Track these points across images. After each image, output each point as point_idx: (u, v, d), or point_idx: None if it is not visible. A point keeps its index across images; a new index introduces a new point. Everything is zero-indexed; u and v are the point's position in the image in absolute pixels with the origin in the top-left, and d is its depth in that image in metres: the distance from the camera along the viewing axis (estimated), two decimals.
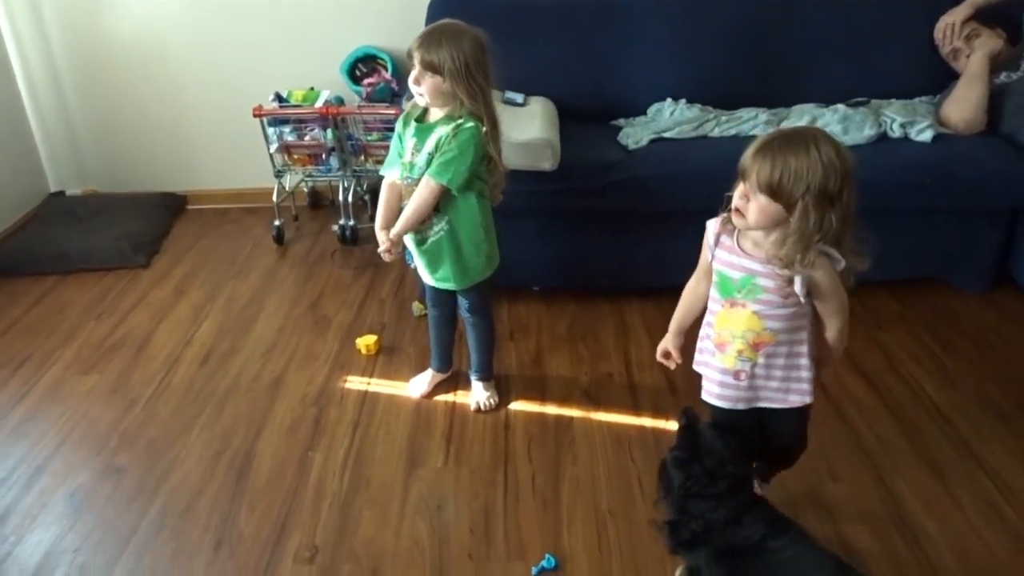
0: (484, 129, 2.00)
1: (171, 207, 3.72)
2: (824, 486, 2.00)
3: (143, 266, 3.26)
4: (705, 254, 1.65)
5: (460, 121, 1.99)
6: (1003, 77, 2.79)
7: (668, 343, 1.82)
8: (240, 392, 2.48)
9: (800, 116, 2.82)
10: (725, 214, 1.56)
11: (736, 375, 1.63)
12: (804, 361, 1.61)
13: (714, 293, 1.64)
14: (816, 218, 1.41)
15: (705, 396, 1.71)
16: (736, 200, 1.49)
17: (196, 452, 2.23)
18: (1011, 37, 2.86)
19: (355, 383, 2.49)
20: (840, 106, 2.85)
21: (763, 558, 1.47)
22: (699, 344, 1.71)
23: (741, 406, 1.66)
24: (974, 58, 2.76)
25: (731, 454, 1.54)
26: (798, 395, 1.63)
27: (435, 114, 2.05)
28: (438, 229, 2.11)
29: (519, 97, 2.97)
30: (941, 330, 2.60)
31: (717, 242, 1.60)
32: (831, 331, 1.60)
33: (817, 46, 3.01)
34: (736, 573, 1.50)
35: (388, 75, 3.35)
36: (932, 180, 2.57)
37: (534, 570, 1.81)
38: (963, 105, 2.70)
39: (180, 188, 3.79)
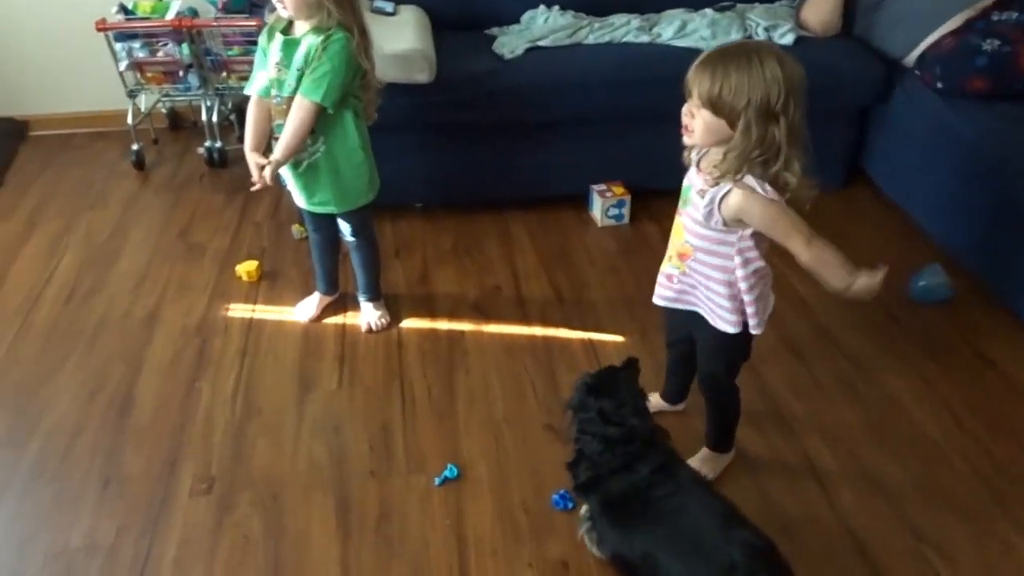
0: (355, 40, 1.91)
1: (11, 133, 3.39)
2: None
3: None
4: None
5: (329, 32, 1.89)
6: None
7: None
8: (111, 328, 2.35)
9: (670, 21, 2.85)
10: None
11: (668, 277, 1.68)
12: (722, 290, 1.57)
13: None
14: (758, 133, 1.39)
15: (654, 298, 1.75)
16: (684, 117, 1.48)
17: (69, 393, 2.12)
18: None
19: (238, 311, 2.42)
20: (708, 11, 2.91)
21: (650, 506, 1.48)
22: None
23: (675, 306, 1.70)
24: None
25: (636, 404, 1.54)
26: (721, 321, 1.62)
27: (301, 27, 1.94)
28: (313, 151, 2.03)
29: (389, 6, 2.85)
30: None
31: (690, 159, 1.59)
32: (800, 258, 1.48)
33: None
34: (622, 522, 1.52)
35: None
36: None
37: (436, 480, 1.85)
38: (821, 7, 2.81)
39: (19, 112, 3.45)
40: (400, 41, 2.54)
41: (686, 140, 1.51)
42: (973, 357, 2.23)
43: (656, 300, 1.74)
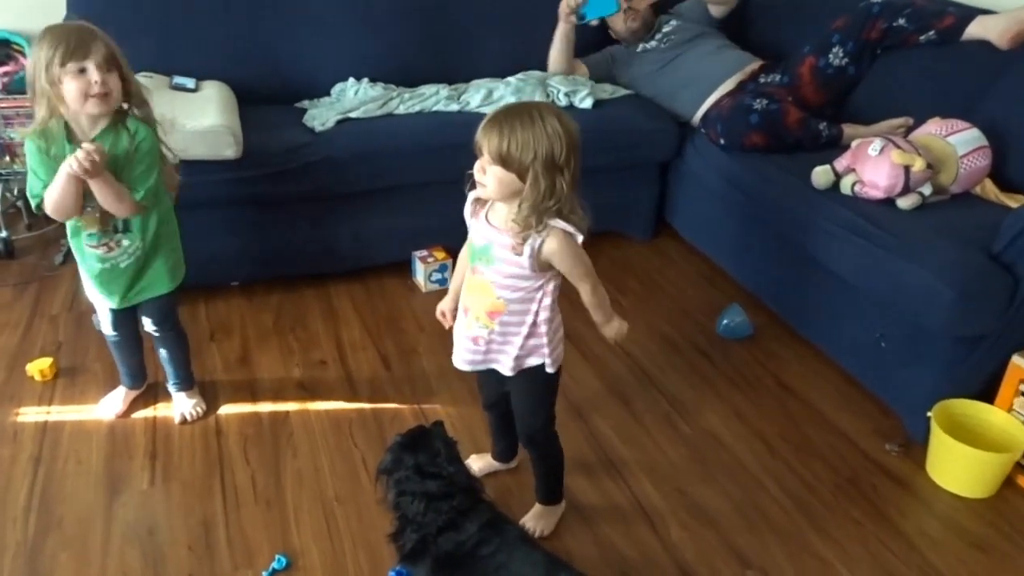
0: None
1: None
2: None
3: None
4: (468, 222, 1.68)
5: (132, 131, 1.82)
6: (642, 47, 3.16)
7: (444, 304, 1.81)
8: None
9: (477, 89, 2.96)
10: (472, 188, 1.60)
11: (475, 340, 1.67)
12: (542, 329, 1.64)
13: (468, 261, 1.68)
14: (546, 185, 1.47)
15: (457, 363, 1.74)
16: (476, 173, 1.53)
17: None
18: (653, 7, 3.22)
19: (31, 415, 2.19)
20: (512, 79, 3.05)
21: (478, 565, 1.48)
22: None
23: (483, 368, 1.71)
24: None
25: (450, 453, 1.53)
26: (536, 357, 1.67)
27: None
28: (133, 248, 1.93)
29: (190, 82, 2.76)
30: (618, 275, 2.92)
31: (474, 213, 1.64)
32: (585, 296, 1.65)
33: (485, 22, 3.17)
34: None
35: (26, 61, 2.93)
36: (605, 148, 2.84)
37: (264, 574, 1.74)
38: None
39: None
40: (204, 117, 2.47)
41: (480, 193, 1.58)
42: (776, 386, 2.41)
43: (462, 366, 1.74)
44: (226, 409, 2.24)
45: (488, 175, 1.51)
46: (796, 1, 3.16)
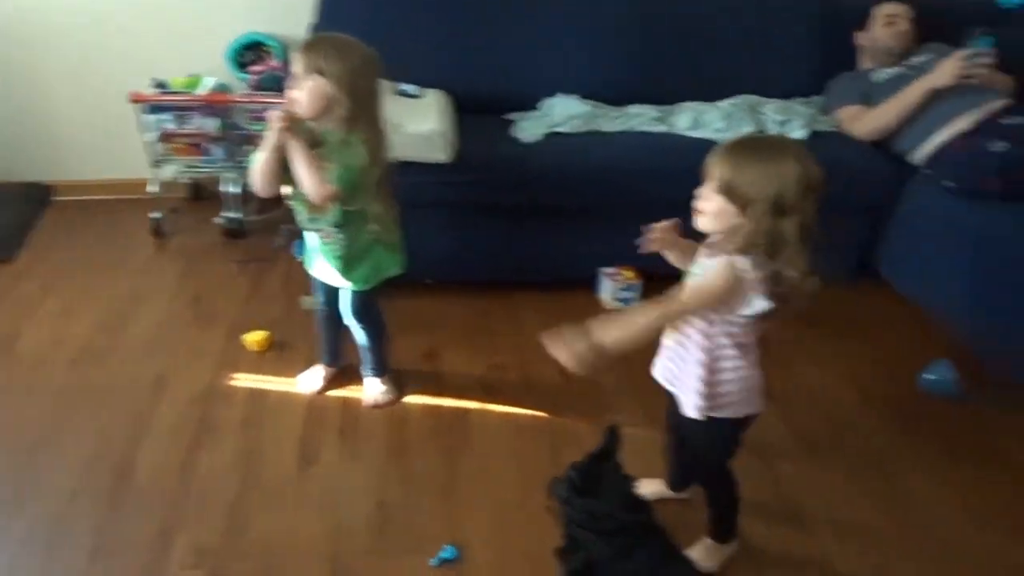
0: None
1: (35, 198, 3.46)
2: None
3: (6, 260, 3.02)
4: None
5: (352, 143, 1.94)
6: (881, 74, 2.95)
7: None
8: (117, 393, 2.34)
9: (686, 113, 2.92)
10: None
11: (664, 348, 1.67)
12: (693, 370, 1.57)
13: None
14: (768, 226, 1.40)
15: (654, 367, 1.72)
16: (697, 199, 1.49)
17: (69, 457, 2.09)
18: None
19: (244, 380, 2.40)
20: (723, 103, 2.98)
21: None
22: None
23: (664, 382, 1.69)
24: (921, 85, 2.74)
25: (624, 501, 1.51)
26: (689, 406, 1.61)
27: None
28: (337, 236, 2.06)
29: (412, 89, 2.93)
30: (812, 315, 2.76)
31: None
32: (648, 306, 1.54)
33: (701, 47, 3.12)
34: None
35: (276, 63, 3.24)
36: None
37: (433, 561, 1.80)
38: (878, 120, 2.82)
39: (45, 178, 3.53)
40: (423, 122, 2.61)
41: (697, 222, 1.51)
42: (991, 455, 2.17)
43: (655, 373, 1.72)
44: (412, 399, 2.34)
45: (709, 203, 1.46)
46: None
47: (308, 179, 1.90)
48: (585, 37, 3.10)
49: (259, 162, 1.95)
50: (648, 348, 1.65)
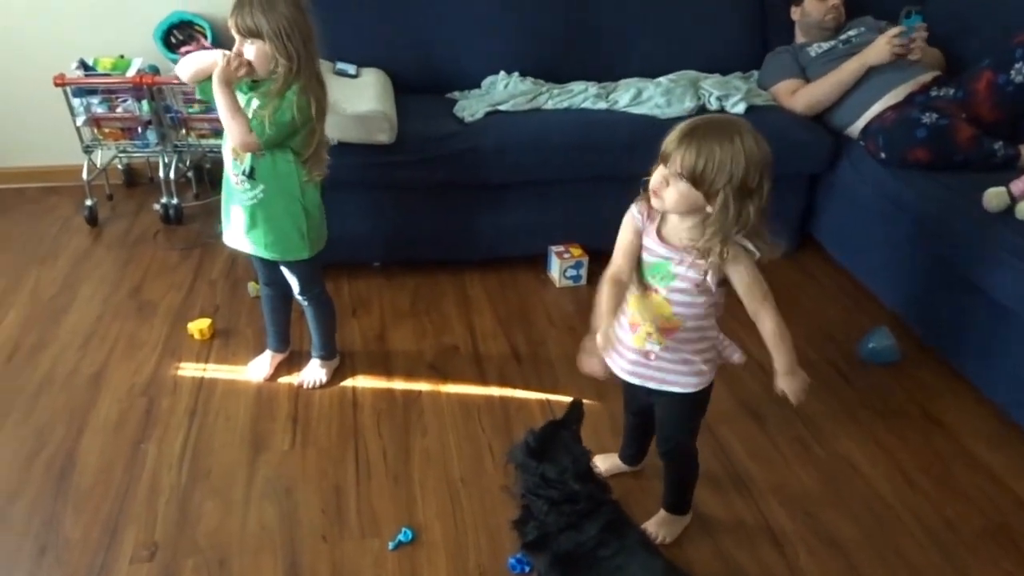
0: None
1: None
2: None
3: None
4: (628, 237, 1.59)
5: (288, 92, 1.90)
6: (817, 48, 3.01)
7: (600, 340, 1.51)
8: (55, 387, 2.27)
9: (626, 89, 2.94)
10: (644, 198, 1.54)
11: (646, 355, 1.63)
12: (709, 346, 1.62)
13: (630, 277, 1.60)
14: (735, 210, 1.41)
15: (617, 371, 1.68)
16: (655, 183, 1.48)
17: (7, 455, 2.03)
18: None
19: (189, 370, 2.36)
20: (663, 80, 3.01)
21: (597, 565, 1.48)
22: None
23: (651, 385, 1.65)
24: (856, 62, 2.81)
25: (578, 469, 1.51)
26: (696, 377, 1.63)
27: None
28: (253, 195, 2.01)
29: (351, 68, 2.89)
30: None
31: (649, 220, 1.57)
32: (768, 324, 1.54)
33: (639, 23, 3.14)
34: None
35: (207, 43, 3.15)
36: None
37: (391, 545, 1.81)
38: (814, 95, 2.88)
39: None
40: (363, 102, 2.58)
41: (655, 204, 1.51)
42: (922, 417, 2.27)
43: (625, 376, 1.67)
44: (363, 382, 2.33)
45: (671, 188, 1.45)
46: (976, 14, 2.96)
47: (230, 120, 1.88)
48: (526, 15, 3.09)
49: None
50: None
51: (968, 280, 2.24)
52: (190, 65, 1.94)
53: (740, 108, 2.84)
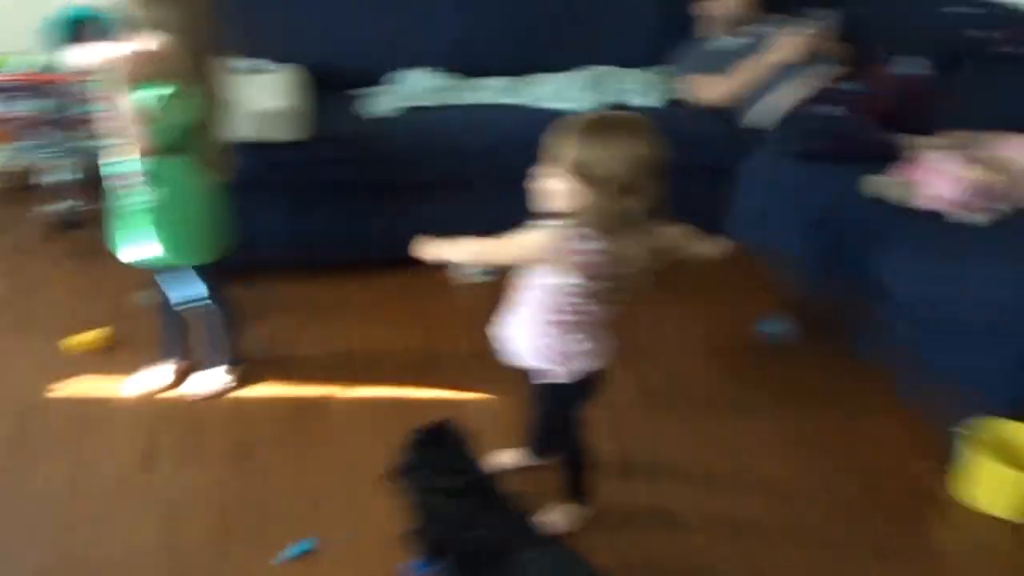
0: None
1: None
2: None
3: None
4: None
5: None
6: (720, 42, 3.03)
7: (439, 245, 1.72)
8: None
9: (543, 85, 2.91)
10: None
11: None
12: (551, 329, 1.61)
13: None
14: (613, 205, 1.41)
15: None
16: (540, 179, 1.47)
17: None
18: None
19: (72, 388, 2.21)
20: (575, 74, 2.98)
21: (498, 560, 1.47)
22: None
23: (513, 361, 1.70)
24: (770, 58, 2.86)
25: (462, 452, 1.54)
26: (548, 362, 1.64)
27: None
28: (147, 199, 1.94)
29: (261, 64, 2.78)
30: (662, 276, 2.81)
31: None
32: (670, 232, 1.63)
33: (552, 19, 3.10)
34: None
35: (110, 38, 2.98)
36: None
37: (275, 560, 1.72)
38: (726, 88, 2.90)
39: None
40: (271, 99, 2.49)
41: (540, 203, 1.50)
42: (819, 396, 2.29)
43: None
44: (262, 390, 2.24)
45: (556, 183, 1.44)
46: (885, 12, 3.02)
47: (133, 127, 1.82)
48: (440, 10, 3.05)
49: None
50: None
51: (862, 264, 2.28)
52: (89, 59, 1.87)
53: (650, 102, 2.84)
